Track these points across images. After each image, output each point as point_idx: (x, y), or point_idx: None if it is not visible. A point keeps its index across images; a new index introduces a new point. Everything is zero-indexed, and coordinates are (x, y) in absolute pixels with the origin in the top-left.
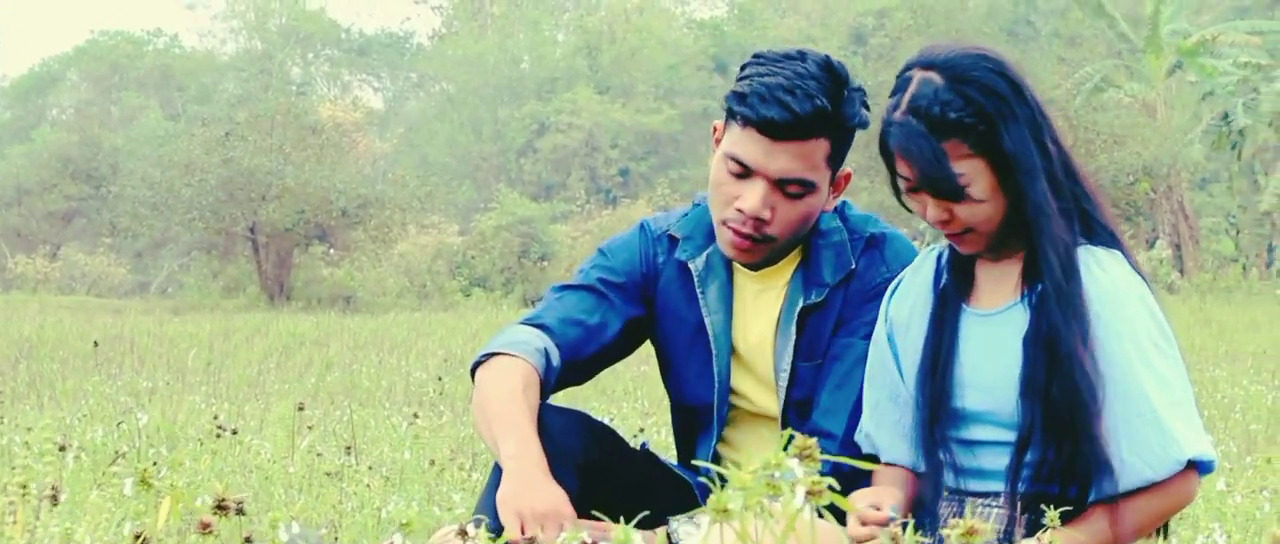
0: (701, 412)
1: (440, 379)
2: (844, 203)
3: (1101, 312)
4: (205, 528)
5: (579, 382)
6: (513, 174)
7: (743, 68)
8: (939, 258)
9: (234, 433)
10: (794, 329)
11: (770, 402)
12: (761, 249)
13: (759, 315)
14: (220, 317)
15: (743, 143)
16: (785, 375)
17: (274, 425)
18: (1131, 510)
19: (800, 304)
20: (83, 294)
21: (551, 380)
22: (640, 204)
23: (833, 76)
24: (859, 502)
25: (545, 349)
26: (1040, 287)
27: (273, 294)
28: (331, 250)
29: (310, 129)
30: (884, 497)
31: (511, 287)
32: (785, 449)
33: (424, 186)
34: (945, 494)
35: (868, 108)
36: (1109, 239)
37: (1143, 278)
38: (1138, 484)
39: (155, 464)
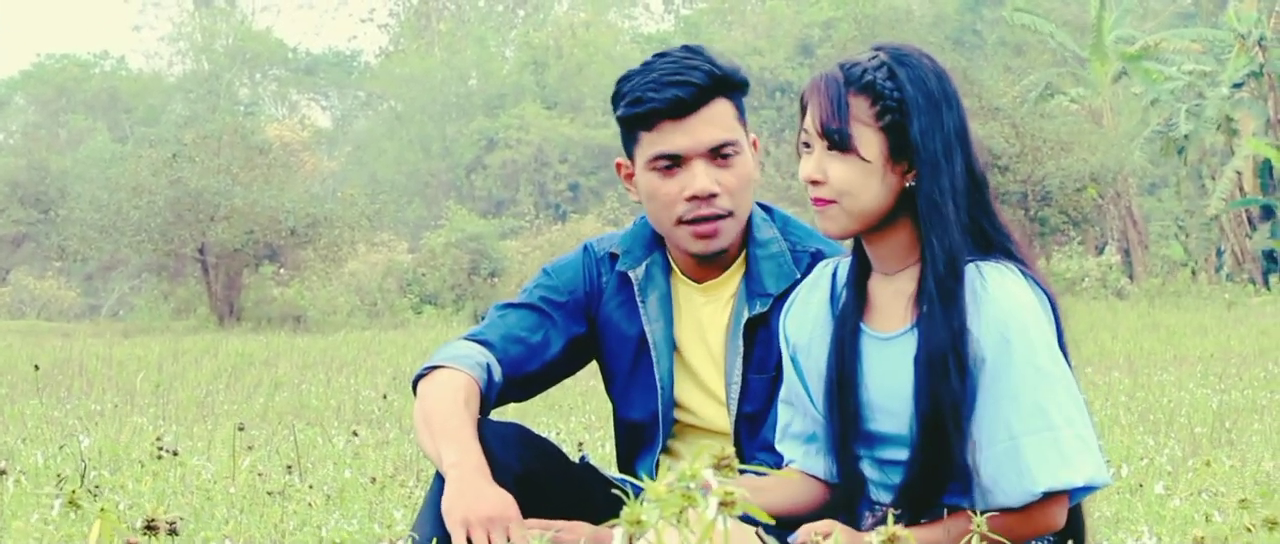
0: (646, 427)
1: (386, 396)
2: (786, 218)
3: (981, 333)
4: None
5: (521, 398)
6: (463, 190)
7: (615, 96)
8: (833, 276)
9: (175, 454)
10: (742, 342)
11: (718, 416)
12: (725, 226)
13: (707, 328)
14: (170, 338)
15: (661, 139)
16: (737, 388)
17: (220, 446)
18: (993, 516)
19: (746, 316)
20: (33, 318)
21: (492, 395)
22: (590, 219)
23: (699, 51)
24: (807, 531)
25: (487, 364)
26: (927, 308)
27: (223, 315)
28: (281, 270)
29: (258, 149)
30: (831, 525)
31: (462, 303)
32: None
33: (373, 204)
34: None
35: (748, 80)
36: (1010, 261)
37: (1045, 292)
38: (994, 508)
39: (97, 487)
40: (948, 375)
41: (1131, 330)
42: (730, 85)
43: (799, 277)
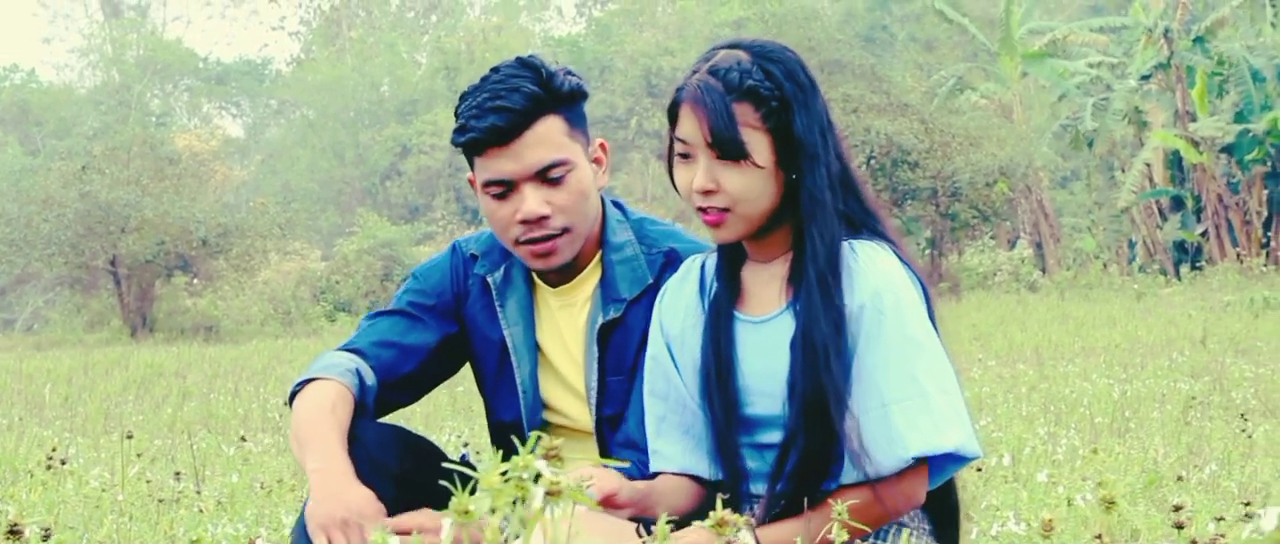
0: (515, 427)
1: (287, 403)
2: (641, 219)
3: (855, 306)
4: None
5: (406, 401)
6: (378, 198)
7: (457, 110)
8: (703, 267)
9: (63, 463)
10: (597, 346)
11: (585, 415)
12: (562, 244)
13: (566, 330)
14: (81, 351)
15: (489, 166)
16: (594, 391)
17: (123, 457)
18: (854, 501)
19: (600, 321)
20: None
21: (368, 399)
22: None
23: (530, 68)
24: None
25: (356, 369)
26: (805, 290)
27: (136, 327)
28: (194, 281)
29: (167, 159)
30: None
31: (376, 310)
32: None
33: (285, 213)
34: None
35: (576, 77)
36: (882, 240)
37: (914, 273)
38: (866, 477)
39: None
40: (829, 362)
41: (1041, 323)
42: (556, 101)
43: (651, 280)
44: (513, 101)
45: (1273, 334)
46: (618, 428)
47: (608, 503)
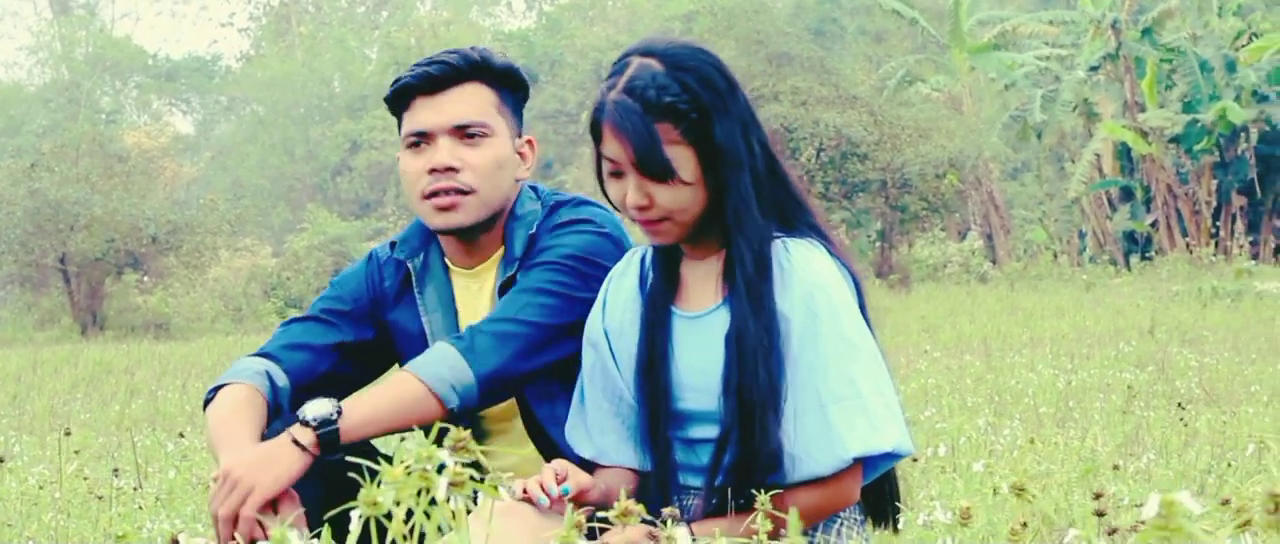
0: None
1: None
2: (552, 193)
3: (788, 307)
4: None
5: None
6: (329, 193)
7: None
8: (643, 261)
9: (2, 461)
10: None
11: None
12: (465, 203)
13: (479, 313)
14: (31, 349)
15: (413, 118)
16: None
17: (66, 454)
18: (794, 501)
19: (499, 282)
20: None
21: (282, 400)
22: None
23: (474, 49)
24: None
25: (266, 371)
26: (739, 286)
27: (86, 325)
28: (145, 278)
29: (117, 157)
30: (641, 532)
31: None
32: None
33: (235, 210)
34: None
35: (521, 74)
36: (814, 235)
37: (847, 269)
38: (805, 477)
39: None
40: (761, 361)
41: (989, 314)
42: (490, 74)
43: (534, 230)
44: (448, 59)
45: (1220, 324)
46: (541, 391)
47: (579, 499)
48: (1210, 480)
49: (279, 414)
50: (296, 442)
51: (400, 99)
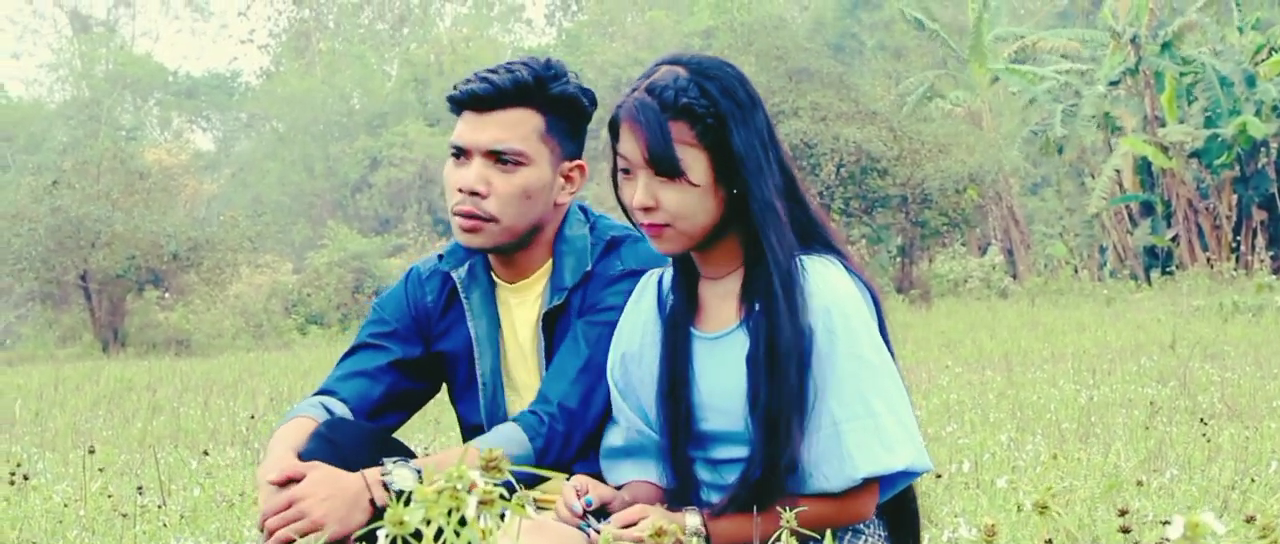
0: (480, 429)
1: (253, 417)
2: (601, 217)
3: (808, 324)
4: None
5: (394, 422)
6: (349, 210)
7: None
8: (660, 283)
9: (26, 478)
10: (543, 337)
11: None
12: (486, 228)
13: (519, 327)
14: (52, 366)
15: (459, 128)
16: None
17: (90, 472)
18: (802, 510)
19: (544, 310)
20: None
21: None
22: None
23: (544, 63)
24: (620, 519)
25: (322, 403)
26: (758, 305)
27: (107, 341)
28: (165, 295)
29: (137, 174)
30: (643, 510)
31: (347, 322)
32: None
33: (255, 226)
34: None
35: (587, 96)
36: (830, 253)
37: (865, 284)
38: (815, 492)
39: None
40: (788, 374)
41: (1010, 329)
42: (542, 100)
43: (590, 266)
44: (501, 78)
45: (1241, 338)
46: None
47: (602, 510)
48: (1234, 496)
49: None
50: (373, 503)
51: (453, 105)
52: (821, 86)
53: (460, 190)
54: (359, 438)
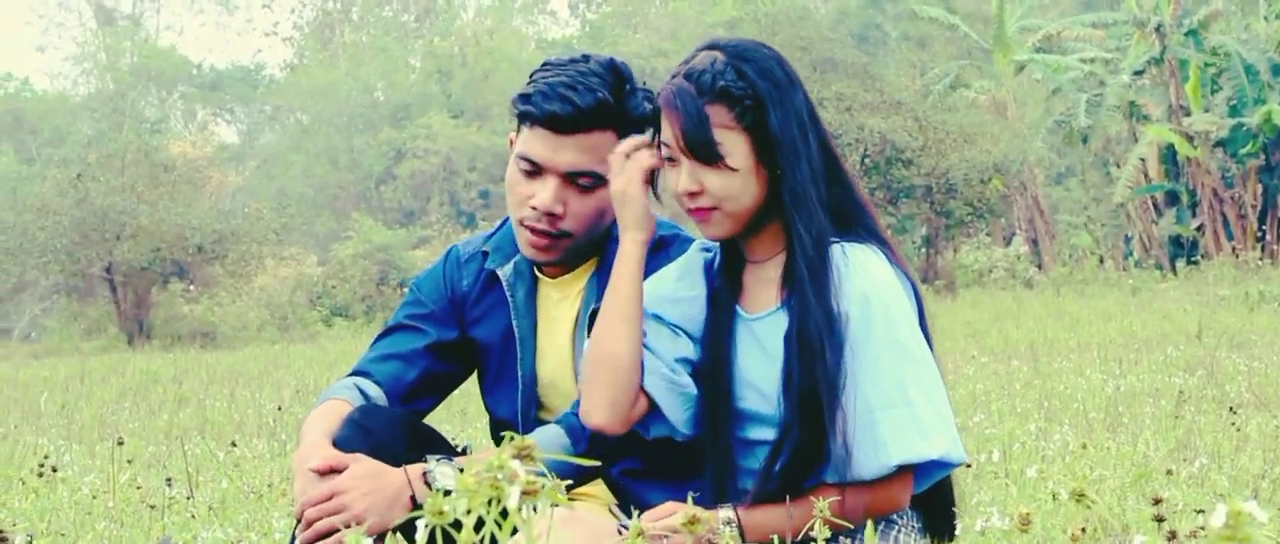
0: (512, 424)
1: (279, 408)
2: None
3: (848, 307)
4: None
5: (427, 406)
6: (373, 202)
7: (532, 74)
8: (708, 267)
9: (55, 470)
10: (587, 334)
11: None
12: (559, 245)
13: (558, 323)
14: (78, 359)
15: (531, 141)
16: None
17: (119, 464)
18: (835, 499)
19: (591, 308)
20: None
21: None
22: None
23: (615, 74)
24: (652, 516)
25: (356, 385)
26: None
27: (133, 334)
28: (191, 287)
29: (162, 166)
30: (673, 506)
31: (372, 314)
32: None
33: (280, 218)
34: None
35: (650, 100)
36: (873, 242)
37: (906, 276)
38: (850, 480)
39: None
40: (823, 356)
41: (1036, 319)
42: (621, 119)
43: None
44: (582, 99)
45: (1267, 327)
46: None
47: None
48: (1264, 485)
49: None
50: (413, 499)
51: (525, 116)
52: (846, 77)
53: (536, 208)
54: (393, 425)
